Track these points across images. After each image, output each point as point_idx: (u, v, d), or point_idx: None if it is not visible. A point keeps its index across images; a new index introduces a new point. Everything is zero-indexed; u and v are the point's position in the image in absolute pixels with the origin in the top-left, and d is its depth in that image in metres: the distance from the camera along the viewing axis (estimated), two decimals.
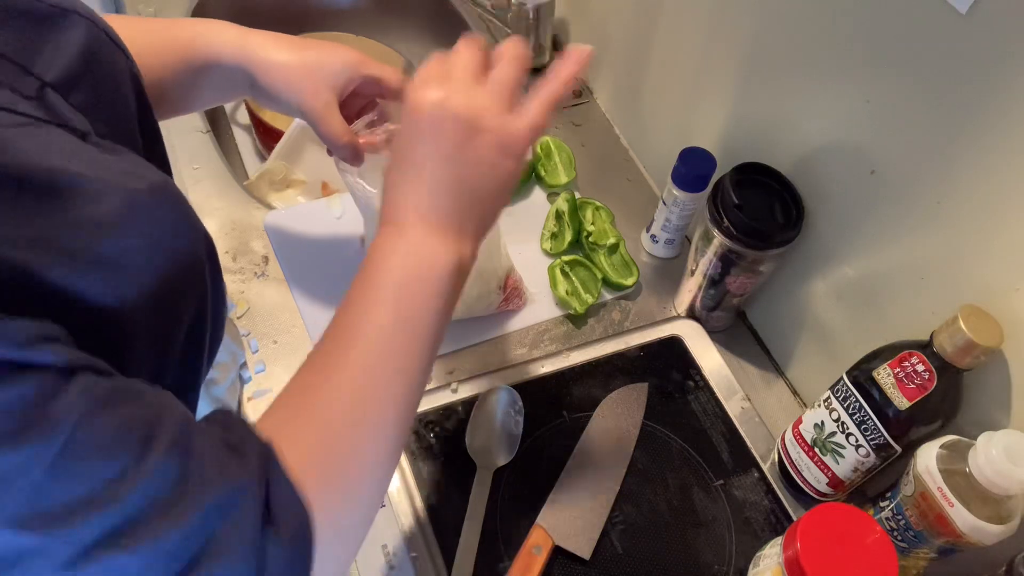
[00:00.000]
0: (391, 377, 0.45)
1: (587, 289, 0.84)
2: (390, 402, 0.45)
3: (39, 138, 0.38)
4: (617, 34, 0.98)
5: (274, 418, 0.43)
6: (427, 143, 0.48)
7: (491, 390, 0.75)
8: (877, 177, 0.63)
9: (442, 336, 0.48)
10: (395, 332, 0.45)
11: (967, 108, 0.54)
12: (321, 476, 0.41)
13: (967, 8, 0.50)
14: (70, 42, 0.44)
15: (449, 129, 0.47)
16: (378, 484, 0.45)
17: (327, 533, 0.40)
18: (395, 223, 0.48)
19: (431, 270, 0.47)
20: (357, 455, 0.43)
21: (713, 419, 0.77)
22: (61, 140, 0.40)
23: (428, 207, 0.48)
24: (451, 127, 0.47)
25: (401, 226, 0.48)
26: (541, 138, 0.95)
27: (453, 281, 0.48)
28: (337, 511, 0.42)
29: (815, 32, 0.65)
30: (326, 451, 0.42)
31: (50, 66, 0.42)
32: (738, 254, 0.72)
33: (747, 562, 0.66)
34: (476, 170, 0.48)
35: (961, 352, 0.56)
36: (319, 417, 0.43)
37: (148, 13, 1.10)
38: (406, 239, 0.47)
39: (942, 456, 0.56)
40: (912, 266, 0.63)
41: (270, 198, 0.94)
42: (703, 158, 0.79)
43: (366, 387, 0.44)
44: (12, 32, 0.41)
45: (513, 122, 0.49)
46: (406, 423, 0.46)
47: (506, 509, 0.69)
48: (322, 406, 0.43)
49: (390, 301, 0.46)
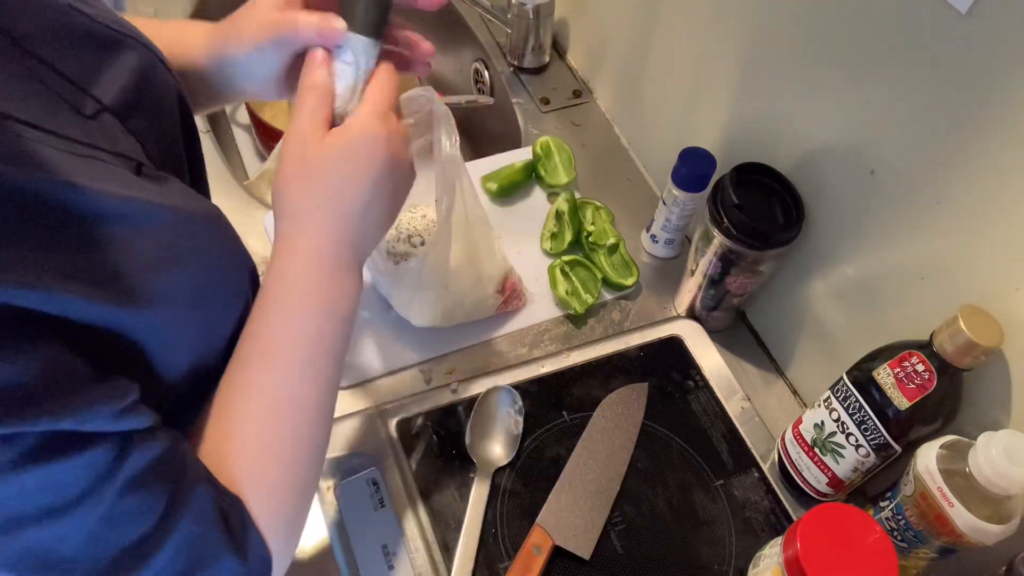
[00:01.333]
0: (306, 389, 0.47)
1: (587, 289, 0.84)
2: (309, 409, 0.47)
3: (96, 168, 0.38)
4: (617, 34, 0.98)
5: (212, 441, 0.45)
6: (353, 172, 0.48)
7: (491, 390, 0.75)
8: (877, 177, 0.63)
9: (344, 355, 0.50)
10: (309, 354, 0.47)
11: (967, 108, 0.54)
12: (256, 482, 0.44)
13: (967, 8, 0.50)
14: (126, 67, 0.44)
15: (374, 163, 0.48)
16: (305, 484, 0.48)
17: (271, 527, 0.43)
18: (289, 250, 0.48)
19: (342, 302, 0.48)
20: (282, 460, 0.46)
21: (713, 419, 0.77)
22: (116, 172, 0.40)
23: (341, 238, 0.48)
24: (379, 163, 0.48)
25: (296, 253, 0.48)
26: (541, 138, 0.95)
27: (356, 306, 0.50)
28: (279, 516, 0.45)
29: (815, 32, 0.65)
30: (256, 463, 0.45)
31: (108, 89, 0.42)
32: (738, 254, 0.72)
33: (747, 562, 0.66)
34: (391, 201, 0.51)
35: (961, 352, 0.56)
36: (243, 433, 0.45)
37: (147, 13, 1.10)
38: (319, 264, 0.48)
39: (942, 456, 0.56)
40: (912, 266, 0.63)
41: (270, 198, 0.94)
42: (703, 158, 0.79)
43: (284, 401, 0.46)
44: (73, 54, 0.41)
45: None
46: (323, 426, 0.49)
47: (506, 509, 0.69)
48: (244, 424, 0.45)
49: (304, 331, 0.47)
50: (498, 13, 1.07)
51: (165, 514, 0.37)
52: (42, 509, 0.33)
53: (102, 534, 0.35)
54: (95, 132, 0.40)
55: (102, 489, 0.35)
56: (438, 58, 1.29)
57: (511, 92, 1.08)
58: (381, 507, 0.68)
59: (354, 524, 0.67)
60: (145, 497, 0.37)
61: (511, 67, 1.10)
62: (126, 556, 0.36)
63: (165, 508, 0.37)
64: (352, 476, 0.69)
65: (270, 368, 0.46)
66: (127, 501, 0.36)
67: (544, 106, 1.05)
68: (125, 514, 0.36)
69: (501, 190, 0.92)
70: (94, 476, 0.34)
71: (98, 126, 0.40)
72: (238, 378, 0.46)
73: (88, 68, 0.42)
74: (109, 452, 0.35)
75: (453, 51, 1.24)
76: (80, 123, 0.39)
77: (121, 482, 0.35)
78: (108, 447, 0.35)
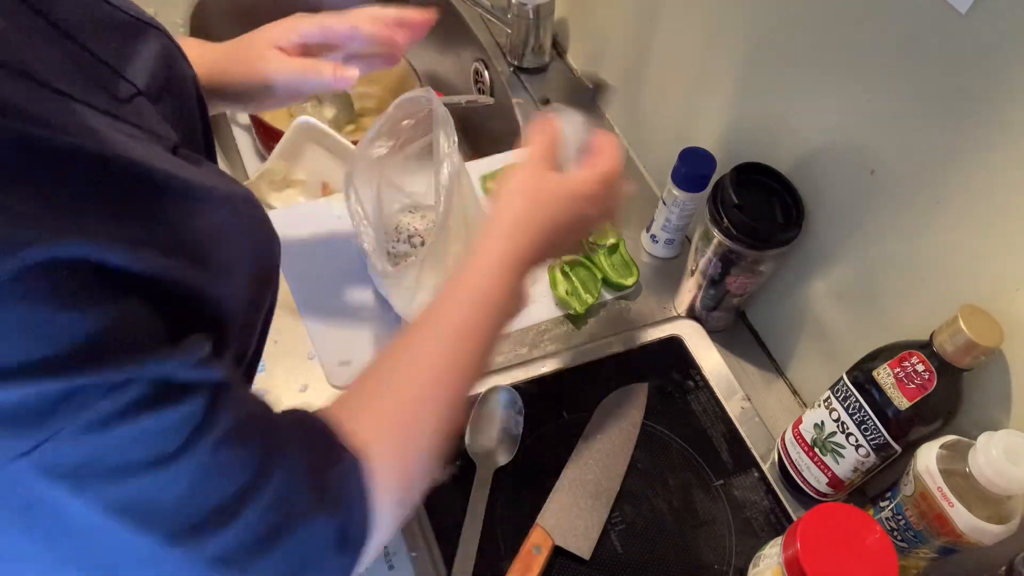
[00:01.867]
0: (457, 372, 0.50)
1: (587, 289, 0.84)
2: (456, 387, 0.50)
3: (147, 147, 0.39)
4: (617, 34, 0.98)
5: (359, 400, 0.47)
6: (553, 215, 0.56)
7: (491, 390, 0.75)
8: (877, 177, 0.63)
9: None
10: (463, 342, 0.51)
11: (967, 108, 0.54)
12: (393, 445, 0.45)
13: (967, 8, 0.50)
14: (152, 53, 0.46)
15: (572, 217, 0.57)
16: (434, 454, 0.49)
17: (387, 501, 0.44)
18: (498, 251, 0.54)
19: (517, 308, 0.55)
20: (424, 431, 0.48)
21: (713, 419, 0.77)
22: (162, 152, 0.41)
23: (526, 253, 0.55)
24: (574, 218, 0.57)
25: (502, 256, 0.54)
26: None
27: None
28: (402, 483, 0.46)
29: (815, 32, 0.65)
30: (400, 427, 0.46)
31: (139, 74, 0.43)
32: (738, 254, 0.72)
33: (747, 562, 0.66)
34: (569, 245, 0.60)
35: (961, 352, 0.56)
36: (398, 396, 0.48)
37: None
38: (501, 266, 0.53)
39: (942, 456, 0.56)
40: (912, 266, 0.63)
41: (270, 198, 0.94)
42: (703, 158, 0.79)
43: (438, 376, 0.49)
44: (106, 38, 0.42)
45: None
46: (461, 408, 0.51)
47: (506, 509, 0.69)
48: (401, 387, 0.48)
49: (469, 318, 0.51)
50: (498, 13, 1.07)
51: (259, 469, 0.38)
52: (145, 459, 0.34)
53: (200, 486, 0.36)
54: (132, 115, 0.41)
55: (199, 441, 0.35)
56: (438, 58, 1.29)
57: (511, 92, 1.08)
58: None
59: None
60: (240, 451, 0.37)
61: (511, 67, 1.10)
62: (222, 509, 0.37)
63: (259, 463, 0.38)
64: None
65: (446, 348, 0.49)
66: (223, 454, 0.36)
67: (544, 106, 1.05)
68: (222, 467, 0.37)
69: None
70: (191, 428, 0.35)
71: (134, 109, 0.41)
72: (411, 347, 0.49)
73: (120, 53, 0.43)
74: (203, 403, 0.36)
75: (453, 51, 1.24)
76: (118, 106, 0.40)
77: (217, 434, 0.36)
78: (201, 398, 0.36)
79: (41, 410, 0.31)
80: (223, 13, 1.20)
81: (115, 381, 0.32)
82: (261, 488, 0.38)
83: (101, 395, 0.32)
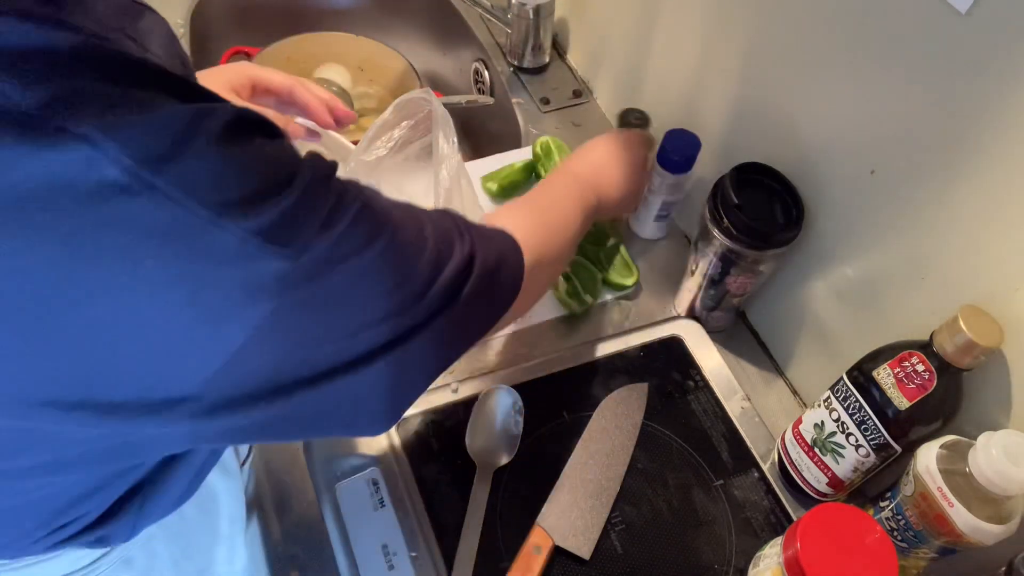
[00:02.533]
0: (569, 224, 0.67)
1: (587, 289, 0.84)
2: (570, 230, 0.67)
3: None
4: (617, 34, 0.98)
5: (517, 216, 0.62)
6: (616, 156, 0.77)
7: (491, 390, 0.75)
8: (877, 177, 0.63)
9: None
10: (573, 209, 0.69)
11: (967, 108, 0.54)
12: (538, 247, 0.59)
13: (967, 8, 0.50)
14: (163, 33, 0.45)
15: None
16: (561, 261, 0.68)
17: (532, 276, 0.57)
18: (583, 176, 0.74)
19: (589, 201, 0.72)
20: (557, 244, 0.64)
21: (713, 419, 0.77)
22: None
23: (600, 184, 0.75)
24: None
25: (584, 178, 0.73)
26: (541, 138, 0.95)
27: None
28: (539, 273, 0.60)
29: (815, 32, 0.65)
30: (543, 239, 0.61)
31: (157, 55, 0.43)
32: (738, 254, 0.72)
33: (747, 562, 0.66)
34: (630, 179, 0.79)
35: (961, 352, 0.56)
36: (542, 222, 0.64)
37: None
38: (580, 186, 0.72)
39: (942, 456, 0.56)
40: (912, 266, 0.63)
41: None
42: (688, 139, 0.80)
43: (562, 222, 0.67)
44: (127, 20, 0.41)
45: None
46: (575, 242, 0.69)
47: (506, 509, 0.69)
48: (544, 218, 0.65)
49: (573, 201, 0.70)
50: (498, 13, 1.07)
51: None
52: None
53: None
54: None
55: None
56: (438, 58, 1.29)
57: (511, 92, 1.08)
58: (381, 507, 0.68)
59: (354, 524, 0.67)
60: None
61: (511, 67, 1.10)
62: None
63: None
64: (352, 476, 0.69)
65: (556, 196, 0.69)
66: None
67: (544, 106, 1.05)
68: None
69: (501, 190, 0.92)
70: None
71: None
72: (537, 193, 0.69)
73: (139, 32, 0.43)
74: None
75: (453, 51, 1.24)
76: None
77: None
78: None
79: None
80: (223, 14, 1.21)
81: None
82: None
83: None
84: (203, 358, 0.34)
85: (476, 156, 0.97)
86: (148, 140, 0.30)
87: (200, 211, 0.31)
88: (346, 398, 0.41)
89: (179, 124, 0.31)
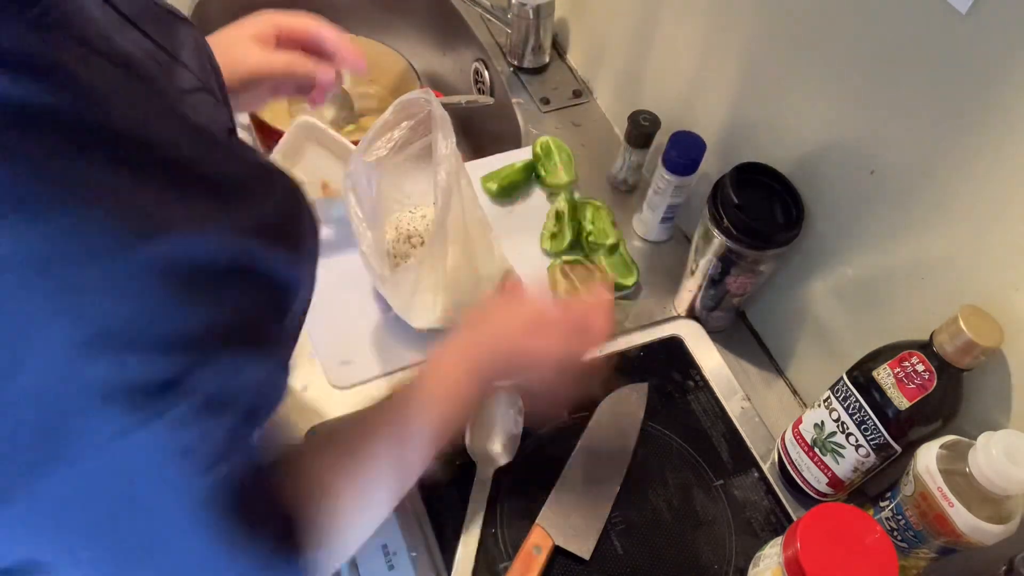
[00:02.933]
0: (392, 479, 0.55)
1: (587, 289, 0.84)
2: (387, 492, 0.54)
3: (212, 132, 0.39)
4: (617, 34, 0.98)
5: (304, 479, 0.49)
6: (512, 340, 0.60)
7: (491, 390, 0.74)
8: (877, 177, 0.63)
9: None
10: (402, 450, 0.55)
11: (967, 108, 0.54)
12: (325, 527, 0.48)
13: (967, 8, 0.50)
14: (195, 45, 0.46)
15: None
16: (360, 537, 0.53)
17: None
18: (452, 367, 0.58)
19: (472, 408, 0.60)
20: (354, 525, 0.52)
21: (713, 419, 0.77)
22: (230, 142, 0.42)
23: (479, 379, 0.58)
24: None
25: (452, 373, 0.58)
26: (541, 138, 0.96)
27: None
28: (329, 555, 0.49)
29: (815, 32, 0.65)
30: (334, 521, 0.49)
31: (192, 65, 0.43)
32: (738, 254, 0.72)
33: (747, 562, 0.66)
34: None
35: (961, 352, 0.56)
36: (336, 493, 0.50)
37: None
38: (446, 386, 0.57)
39: (942, 456, 0.56)
40: (912, 266, 0.63)
41: None
42: (693, 141, 0.80)
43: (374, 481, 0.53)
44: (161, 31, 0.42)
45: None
46: (393, 504, 0.56)
47: (506, 509, 0.69)
48: (341, 484, 0.50)
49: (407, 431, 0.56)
50: (498, 13, 1.07)
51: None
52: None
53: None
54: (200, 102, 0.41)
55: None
56: (438, 58, 1.29)
57: (511, 92, 1.08)
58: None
59: None
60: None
61: (511, 67, 1.10)
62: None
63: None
64: None
65: (405, 434, 0.55)
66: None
67: (544, 106, 1.05)
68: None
69: (501, 190, 0.92)
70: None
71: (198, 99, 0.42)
72: (379, 424, 0.54)
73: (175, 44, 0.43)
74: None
75: (453, 51, 1.24)
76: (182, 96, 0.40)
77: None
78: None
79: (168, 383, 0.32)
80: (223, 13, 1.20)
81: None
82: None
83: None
84: None
85: (476, 156, 0.97)
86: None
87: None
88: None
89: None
